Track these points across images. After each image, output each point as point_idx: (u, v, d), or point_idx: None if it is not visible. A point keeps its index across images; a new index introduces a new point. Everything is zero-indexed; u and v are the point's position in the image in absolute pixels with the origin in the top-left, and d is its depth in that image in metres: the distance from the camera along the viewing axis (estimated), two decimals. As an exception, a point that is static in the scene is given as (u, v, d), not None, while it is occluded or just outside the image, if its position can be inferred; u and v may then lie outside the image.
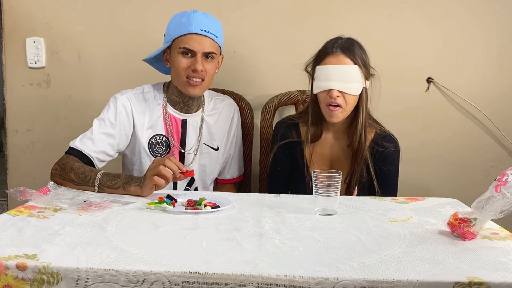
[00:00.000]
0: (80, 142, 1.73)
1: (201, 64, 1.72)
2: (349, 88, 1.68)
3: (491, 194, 1.19)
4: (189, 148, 1.86)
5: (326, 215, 1.41)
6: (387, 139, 1.78)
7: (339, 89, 1.67)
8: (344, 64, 1.68)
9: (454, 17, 2.17)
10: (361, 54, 1.71)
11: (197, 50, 1.72)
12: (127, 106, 1.79)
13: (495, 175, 1.23)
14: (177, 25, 1.75)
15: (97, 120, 1.78)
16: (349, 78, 1.68)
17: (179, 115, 1.84)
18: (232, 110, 1.96)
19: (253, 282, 0.97)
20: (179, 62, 1.73)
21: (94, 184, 1.58)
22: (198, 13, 1.75)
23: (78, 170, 1.63)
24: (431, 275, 0.99)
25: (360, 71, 1.69)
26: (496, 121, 2.20)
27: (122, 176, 1.59)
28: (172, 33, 1.75)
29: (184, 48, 1.72)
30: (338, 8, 2.18)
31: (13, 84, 2.28)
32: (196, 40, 1.72)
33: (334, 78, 1.68)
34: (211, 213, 1.40)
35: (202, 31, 1.72)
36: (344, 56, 1.69)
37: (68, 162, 1.67)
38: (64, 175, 1.64)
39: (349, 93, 1.68)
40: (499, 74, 2.20)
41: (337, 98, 1.68)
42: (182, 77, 1.74)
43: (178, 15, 1.78)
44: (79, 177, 1.61)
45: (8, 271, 1.00)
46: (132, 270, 0.99)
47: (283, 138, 1.82)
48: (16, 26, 2.25)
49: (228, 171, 1.99)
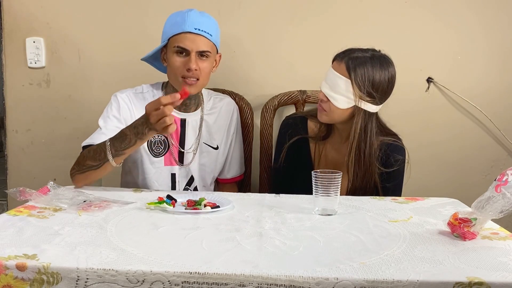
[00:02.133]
0: (91, 139, 1.72)
1: (195, 63, 1.72)
2: (332, 98, 1.65)
3: (491, 194, 1.19)
4: (188, 147, 1.86)
5: (326, 215, 1.41)
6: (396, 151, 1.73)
7: (325, 93, 1.67)
8: (338, 73, 1.65)
9: (454, 17, 2.17)
10: (367, 71, 1.62)
11: (190, 49, 1.72)
12: (128, 103, 1.80)
13: (495, 175, 1.23)
14: (172, 24, 1.76)
15: (101, 119, 1.78)
16: (336, 89, 1.64)
17: (178, 114, 1.84)
18: (231, 109, 1.96)
19: (253, 282, 0.97)
20: (174, 61, 1.74)
21: (108, 157, 1.56)
22: (193, 11, 1.76)
23: (88, 154, 1.62)
24: (431, 275, 0.99)
25: (353, 89, 1.62)
26: (496, 121, 2.20)
27: (127, 131, 1.55)
28: (168, 32, 1.76)
29: (178, 47, 1.72)
30: (338, 8, 2.18)
31: (13, 84, 2.28)
32: (189, 39, 1.72)
33: (327, 81, 1.68)
34: (211, 213, 1.40)
35: (196, 29, 1.72)
36: (343, 66, 1.64)
37: (79, 157, 1.67)
38: (82, 167, 1.63)
39: (332, 103, 1.66)
40: (499, 74, 2.20)
41: (322, 101, 1.68)
42: (178, 77, 1.75)
43: (174, 14, 1.78)
44: (94, 159, 1.60)
45: (8, 271, 1.00)
46: (132, 270, 0.99)
47: (292, 134, 1.82)
48: (16, 26, 2.25)
49: (228, 170, 1.99)
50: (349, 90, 1.63)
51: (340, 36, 2.14)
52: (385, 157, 1.72)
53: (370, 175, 1.71)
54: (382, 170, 1.71)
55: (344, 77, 1.63)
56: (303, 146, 1.83)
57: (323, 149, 1.81)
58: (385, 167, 1.71)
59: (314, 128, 1.83)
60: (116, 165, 1.59)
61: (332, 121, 1.73)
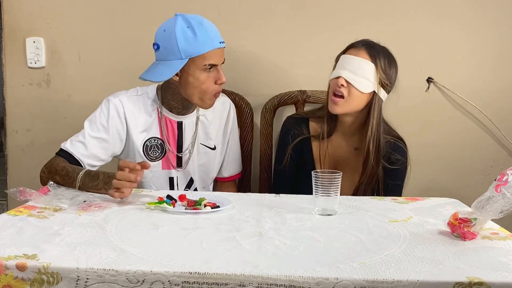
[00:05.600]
0: (71, 145, 1.71)
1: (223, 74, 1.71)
2: (356, 81, 1.66)
3: (491, 194, 1.19)
4: (185, 149, 1.85)
5: (326, 215, 1.41)
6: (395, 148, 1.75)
7: (346, 78, 1.66)
8: (360, 57, 1.67)
9: (454, 17, 2.17)
10: (384, 60, 1.69)
11: (218, 63, 1.70)
12: (119, 109, 1.76)
13: (495, 175, 1.23)
14: (191, 41, 1.66)
15: (88, 122, 1.75)
16: (360, 72, 1.66)
17: (175, 117, 1.82)
18: (227, 107, 1.93)
19: (253, 282, 0.97)
20: (203, 78, 1.69)
21: (75, 185, 1.57)
22: (205, 23, 1.70)
23: (61, 171, 1.62)
24: (431, 275, 0.99)
25: (376, 72, 1.66)
26: (496, 121, 2.20)
27: (101, 175, 1.55)
28: (189, 50, 1.66)
29: (209, 65, 1.68)
30: (338, 8, 2.18)
31: (13, 84, 2.28)
32: (218, 54, 1.69)
33: (346, 68, 1.68)
34: (211, 213, 1.40)
35: (221, 43, 1.70)
36: (364, 51, 1.68)
37: (54, 163, 1.66)
38: (50, 177, 1.63)
39: (355, 86, 1.66)
40: (499, 74, 2.20)
41: (342, 87, 1.66)
42: (208, 93, 1.71)
43: (183, 29, 1.67)
44: (63, 179, 1.60)
45: (8, 271, 1.00)
46: (132, 270, 0.99)
47: (294, 134, 1.81)
48: (16, 26, 2.25)
49: (225, 169, 1.97)
50: (372, 74, 1.66)
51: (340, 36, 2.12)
52: (388, 154, 1.74)
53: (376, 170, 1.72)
54: (385, 166, 1.72)
55: (368, 61, 1.66)
56: (306, 146, 1.82)
57: (327, 148, 1.81)
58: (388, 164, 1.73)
59: (317, 128, 1.82)
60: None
61: (348, 109, 1.70)
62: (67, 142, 1.72)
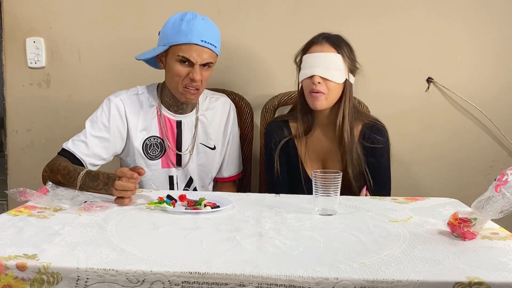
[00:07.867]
0: (72, 144, 1.72)
1: (199, 74, 1.70)
2: (331, 75, 1.70)
3: (491, 194, 1.19)
4: (185, 149, 1.86)
5: (326, 215, 1.41)
6: (375, 130, 1.79)
7: (321, 75, 1.70)
8: (327, 52, 1.71)
9: (454, 16, 2.17)
10: (346, 47, 1.74)
11: (195, 61, 1.70)
12: (120, 108, 1.78)
13: (495, 175, 1.23)
14: (176, 31, 1.70)
15: (89, 122, 1.76)
16: (331, 65, 1.70)
17: (174, 116, 1.83)
18: (228, 108, 1.94)
19: (253, 282, 0.97)
20: (177, 69, 1.71)
21: (76, 184, 1.57)
22: (198, 20, 1.71)
23: (63, 170, 1.62)
24: (431, 275, 0.99)
25: (344, 62, 1.72)
26: (496, 121, 2.20)
27: (101, 176, 1.54)
28: (170, 38, 1.71)
29: (182, 57, 1.70)
30: (338, 8, 2.18)
31: (13, 84, 2.28)
32: (196, 51, 1.69)
33: (317, 65, 1.71)
34: (211, 213, 1.40)
35: (203, 42, 1.70)
36: (328, 45, 1.73)
37: (56, 163, 1.67)
38: (52, 177, 1.63)
39: (331, 80, 1.70)
40: (499, 74, 2.20)
41: (319, 84, 1.70)
42: (179, 85, 1.73)
43: (177, 19, 1.73)
44: (65, 178, 1.61)
45: (8, 271, 1.00)
46: (132, 270, 0.99)
47: (276, 140, 1.83)
48: (16, 26, 2.25)
49: (225, 169, 1.97)
50: (341, 64, 1.72)
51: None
52: (368, 136, 1.77)
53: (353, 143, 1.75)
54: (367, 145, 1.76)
55: (335, 53, 1.71)
56: (291, 148, 1.83)
57: (309, 145, 1.82)
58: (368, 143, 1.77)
59: (298, 128, 1.83)
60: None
61: (330, 103, 1.74)
62: (69, 141, 1.73)
